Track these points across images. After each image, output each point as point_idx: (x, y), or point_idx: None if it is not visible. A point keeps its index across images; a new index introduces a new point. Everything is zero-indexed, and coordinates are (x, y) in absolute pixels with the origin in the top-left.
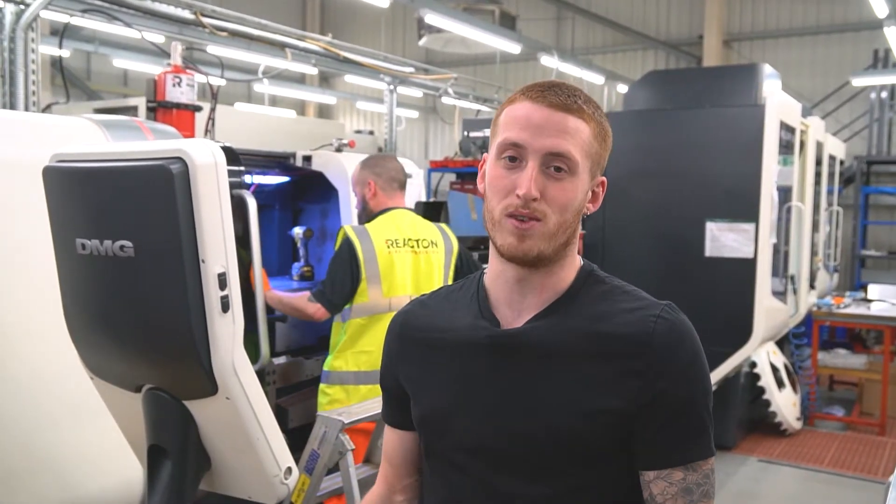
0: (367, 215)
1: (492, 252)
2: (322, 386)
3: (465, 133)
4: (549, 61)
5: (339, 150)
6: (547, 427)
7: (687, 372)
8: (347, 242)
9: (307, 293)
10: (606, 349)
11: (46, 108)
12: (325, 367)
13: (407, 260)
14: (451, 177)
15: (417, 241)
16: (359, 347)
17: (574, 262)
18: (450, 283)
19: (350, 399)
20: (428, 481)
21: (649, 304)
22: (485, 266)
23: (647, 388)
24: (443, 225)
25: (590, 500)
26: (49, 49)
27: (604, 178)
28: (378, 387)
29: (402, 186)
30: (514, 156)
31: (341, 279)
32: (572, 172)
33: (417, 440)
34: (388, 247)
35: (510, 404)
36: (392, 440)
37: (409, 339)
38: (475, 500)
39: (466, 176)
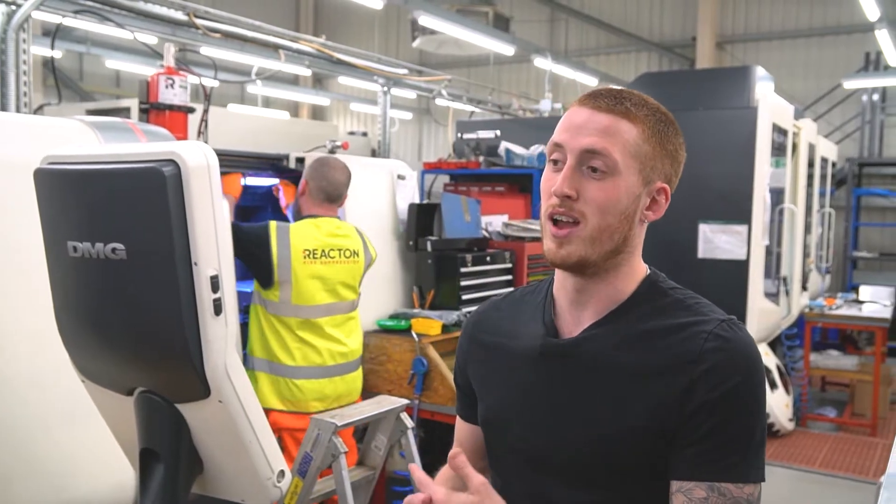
0: (296, 211)
1: None
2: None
3: (459, 135)
4: (543, 63)
5: (332, 151)
6: (591, 439)
7: (731, 392)
8: (266, 236)
9: None
10: (655, 365)
11: (38, 110)
12: (246, 350)
13: (322, 271)
14: (445, 178)
15: (340, 250)
16: (271, 341)
17: (636, 272)
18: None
19: (259, 387)
20: (489, 476)
21: (707, 319)
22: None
23: (689, 403)
24: (364, 235)
25: None
26: (41, 50)
27: (665, 186)
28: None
29: (331, 200)
30: (557, 158)
31: (255, 239)
32: (612, 172)
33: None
34: (305, 258)
35: (559, 413)
36: (463, 430)
37: (478, 340)
38: (523, 503)
39: (460, 178)
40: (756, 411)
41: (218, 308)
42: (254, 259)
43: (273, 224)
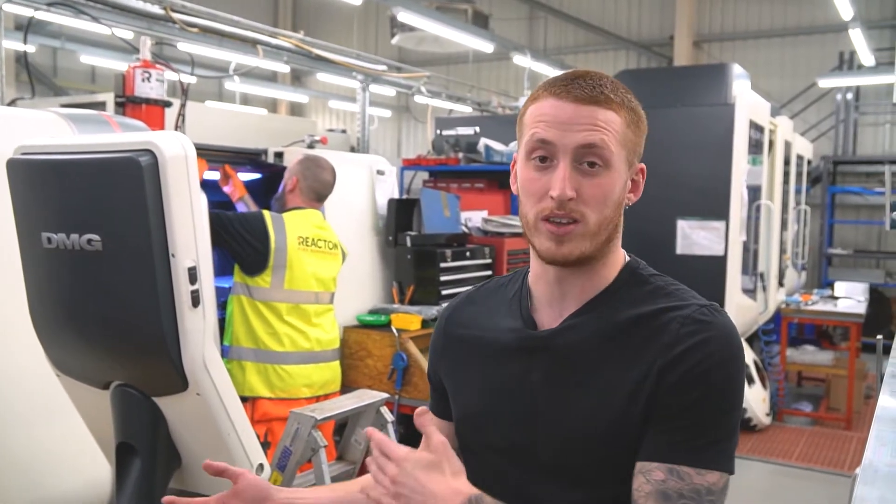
0: (280, 205)
1: (532, 253)
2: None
3: (438, 131)
4: (522, 60)
5: (311, 146)
6: (576, 433)
7: (703, 376)
8: (263, 223)
9: None
10: (634, 354)
11: (11, 104)
12: (225, 342)
13: (313, 258)
14: (424, 175)
15: (325, 241)
16: (259, 328)
17: (617, 259)
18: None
19: (245, 376)
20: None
21: (686, 304)
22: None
23: (662, 385)
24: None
25: None
26: (14, 44)
27: (642, 165)
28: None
29: (320, 198)
30: (545, 155)
31: (254, 225)
32: (607, 166)
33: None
34: (300, 244)
35: (540, 409)
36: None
37: (452, 335)
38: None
39: (439, 174)
40: (730, 397)
41: (196, 300)
42: (245, 244)
43: (266, 212)
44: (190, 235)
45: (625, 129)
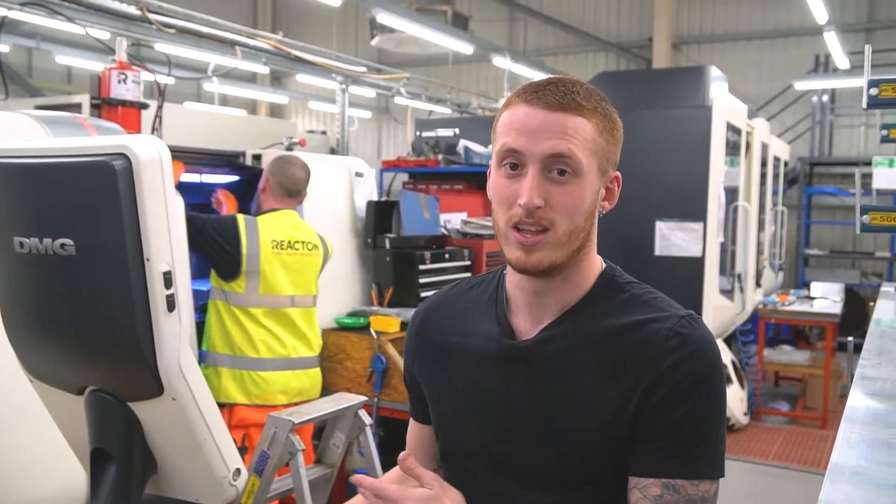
0: (256, 206)
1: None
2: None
3: (418, 133)
4: (502, 62)
5: (289, 148)
6: (554, 444)
7: (690, 390)
8: (235, 227)
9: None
10: (616, 366)
11: None
12: (203, 347)
13: (288, 261)
14: (404, 177)
15: (303, 243)
16: (234, 333)
17: (592, 267)
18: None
19: (221, 382)
20: (443, 476)
21: (667, 316)
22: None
23: (650, 401)
24: (322, 235)
25: None
26: None
27: (617, 174)
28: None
29: (292, 195)
30: (515, 163)
31: (226, 230)
32: (577, 174)
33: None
34: (273, 248)
35: (520, 418)
36: (413, 432)
37: (425, 339)
38: None
39: (419, 176)
40: (716, 407)
41: (171, 304)
42: (219, 249)
43: (240, 216)
44: (165, 239)
45: (596, 137)
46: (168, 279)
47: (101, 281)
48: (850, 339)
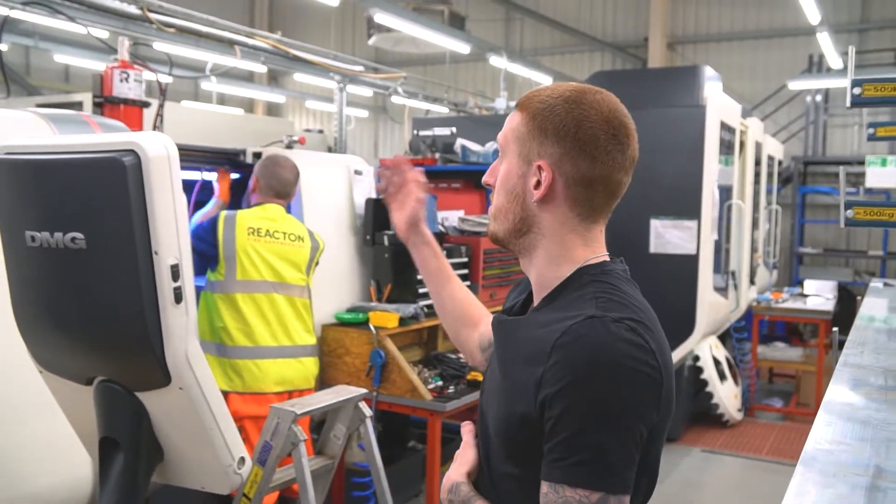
0: (246, 204)
1: None
2: None
3: (415, 132)
4: (498, 62)
5: (289, 146)
6: (496, 418)
7: (572, 387)
8: (214, 225)
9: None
10: (524, 355)
11: None
12: None
13: (266, 248)
14: None
15: (284, 233)
16: (217, 322)
17: (563, 259)
18: (311, 275)
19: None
20: None
21: (579, 314)
22: None
23: (538, 397)
24: (312, 231)
25: (528, 489)
26: None
27: (541, 163)
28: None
29: (280, 196)
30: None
31: (205, 235)
32: (504, 155)
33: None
34: (249, 234)
35: (492, 389)
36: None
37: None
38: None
39: None
40: (602, 414)
41: (178, 296)
42: (203, 253)
43: (221, 214)
44: (172, 233)
45: (520, 126)
46: (175, 272)
47: (110, 273)
48: (834, 329)
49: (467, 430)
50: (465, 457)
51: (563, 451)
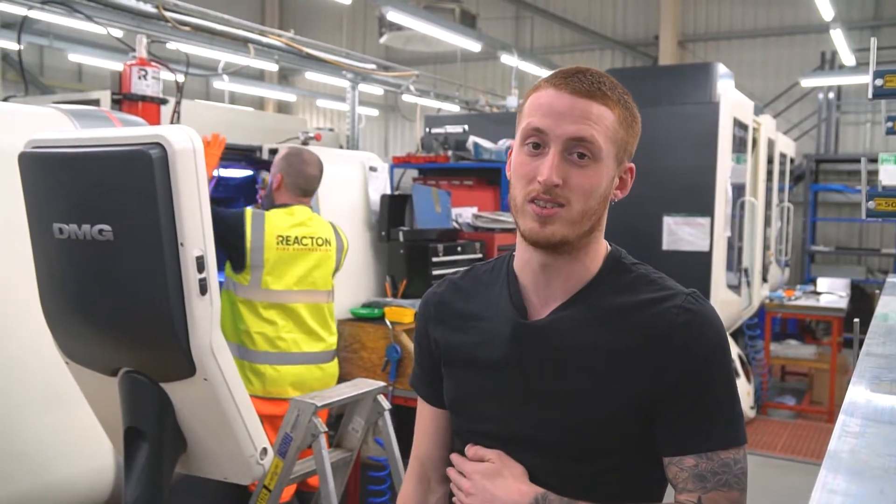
0: (269, 202)
1: (518, 239)
2: None
3: (427, 129)
4: (509, 60)
5: (305, 143)
6: (571, 422)
7: (705, 363)
8: (241, 223)
9: None
10: (628, 344)
11: (4, 101)
12: None
13: (295, 257)
14: (413, 173)
15: (312, 238)
16: (240, 325)
17: (600, 249)
18: (333, 278)
19: None
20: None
21: (672, 293)
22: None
23: (666, 380)
24: (336, 225)
25: (617, 481)
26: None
27: (631, 165)
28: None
29: (306, 194)
30: (538, 142)
31: (231, 226)
32: (595, 159)
33: (448, 419)
34: (278, 243)
35: (535, 397)
36: (426, 420)
37: (440, 321)
38: None
39: (429, 172)
40: (731, 377)
41: (203, 288)
42: (226, 244)
43: (248, 210)
44: (198, 225)
45: (616, 127)
46: (201, 263)
47: (137, 265)
48: (856, 321)
49: (493, 454)
50: (514, 470)
51: (710, 420)
